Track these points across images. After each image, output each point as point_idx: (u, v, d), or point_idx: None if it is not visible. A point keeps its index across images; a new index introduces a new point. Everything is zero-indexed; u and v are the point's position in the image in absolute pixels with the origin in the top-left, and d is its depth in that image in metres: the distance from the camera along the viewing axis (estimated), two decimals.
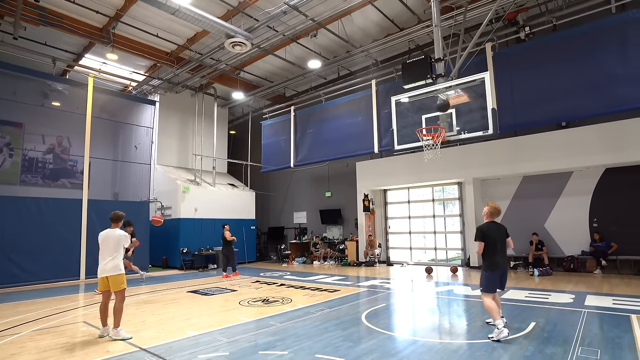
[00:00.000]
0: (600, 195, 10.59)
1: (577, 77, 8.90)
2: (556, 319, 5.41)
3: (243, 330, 5.21)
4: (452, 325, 5.48)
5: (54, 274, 10.52)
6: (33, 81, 11.36)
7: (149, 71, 14.97)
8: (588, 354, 3.97)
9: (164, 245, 14.54)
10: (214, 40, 12.31)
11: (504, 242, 5.01)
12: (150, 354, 4.25)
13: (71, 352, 4.40)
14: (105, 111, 13.00)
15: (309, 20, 10.66)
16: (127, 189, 13.31)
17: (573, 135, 10.44)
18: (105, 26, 11.59)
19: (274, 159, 15.87)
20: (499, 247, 4.90)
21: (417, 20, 11.32)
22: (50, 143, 12.02)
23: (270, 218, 19.30)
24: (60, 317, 6.34)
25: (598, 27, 8.78)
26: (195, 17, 9.39)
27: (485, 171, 12.01)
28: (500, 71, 9.74)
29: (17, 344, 4.76)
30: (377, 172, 14.50)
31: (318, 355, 4.08)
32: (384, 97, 12.03)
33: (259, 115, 17.67)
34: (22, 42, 11.71)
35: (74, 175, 12.10)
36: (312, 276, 11.08)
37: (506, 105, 9.62)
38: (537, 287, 8.31)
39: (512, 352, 4.07)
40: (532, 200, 11.63)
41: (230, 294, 8.24)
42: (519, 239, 11.71)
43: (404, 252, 14.58)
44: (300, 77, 14.65)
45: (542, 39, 9.82)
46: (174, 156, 16.63)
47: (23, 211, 10.30)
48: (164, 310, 6.67)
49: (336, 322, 5.56)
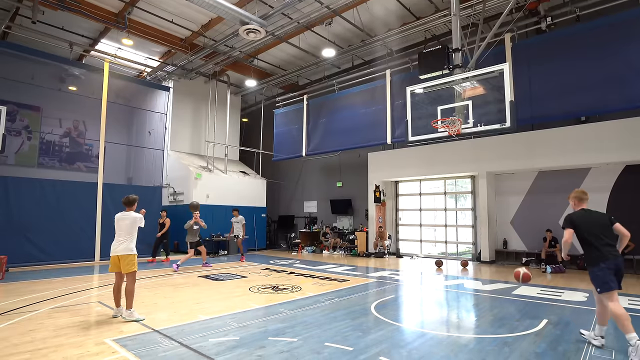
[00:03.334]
0: (618, 193, 10.34)
1: (600, 70, 8.63)
2: (569, 317, 5.34)
3: (253, 316, 5.27)
4: (461, 319, 5.46)
5: (69, 254, 10.79)
6: (51, 65, 11.51)
7: (163, 57, 15.02)
8: (602, 353, 3.91)
9: (175, 230, 14.72)
10: (228, 27, 12.26)
11: (609, 230, 4.07)
12: (163, 336, 4.33)
13: (86, 330, 4.52)
14: (120, 96, 13.14)
15: (324, 7, 10.53)
16: (141, 174, 13.50)
17: (592, 130, 10.17)
18: (121, 11, 11.63)
19: (285, 147, 15.87)
20: (602, 237, 4.02)
21: (435, 9, 11.08)
22: (66, 127, 12.23)
23: (280, 206, 19.40)
24: (76, 296, 6.50)
25: (623, 19, 8.47)
26: (210, 4, 9.34)
27: (499, 165, 11.82)
28: (519, 63, 9.51)
29: (35, 321, 4.91)
30: (389, 163, 14.40)
31: (327, 344, 4.11)
32: (399, 87, 11.87)
33: (272, 103, 17.64)
34: (40, 27, 11.84)
35: (89, 159, 12.31)
36: (322, 265, 11.14)
37: (524, 98, 9.41)
38: (550, 284, 8.21)
39: (523, 349, 4.03)
40: (547, 196, 11.43)
41: (240, 280, 8.34)
42: (532, 235, 11.59)
43: (414, 244, 14.53)
44: (313, 66, 14.54)
45: (564, 30, 9.54)
46: (187, 142, 16.76)
47: (40, 193, 10.53)
48: (176, 294, 6.79)
49: (345, 311, 5.58)
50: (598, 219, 4.19)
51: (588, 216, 4.22)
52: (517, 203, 12.10)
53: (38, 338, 4.22)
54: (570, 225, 4.18)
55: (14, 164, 11.19)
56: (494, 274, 9.73)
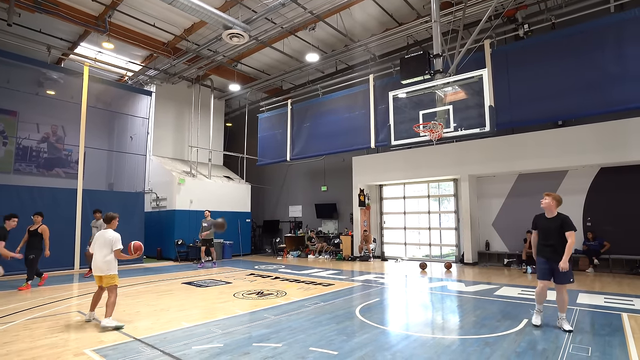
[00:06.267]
0: (594, 195, 10.69)
1: (575, 75, 8.93)
2: (548, 316, 5.46)
3: (237, 322, 5.22)
4: (445, 320, 5.53)
5: (47, 263, 10.42)
6: (28, 69, 11.24)
7: (145, 61, 14.82)
8: (579, 351, 4.02)
9: (158, 236, 14.51)
10: (212, 31, 12.21)
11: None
12: (145, 344, 4.25)
13: (65, 341, 4.39)
14: (100, 101, 12.91)
15: (308, 13, 10.59)
16: (123, 180, 13.27)
17: (569, 134, 10.49)
18: (102, 14, 11.44)
19: (270, 152, 15.83)
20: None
21: (417, 16, 11.28)
22: (44, 132, 11.95)
23: (265, 211, 19.30)
24: (54, 306, 6.32)
25: (597, 26, 8.80)
26: (193, 7, 9.28)
27: (481, 168, 12.06)
28: (498, 68, 9.75)
29: (11, 332, 4.74)
30: (373, 167, 14.51)
31: (312, 348, 4.11)
32: (382, 92, 12.01)
33: (256, 108, 17.59)
34: (17, 29, 11.53)
35: (68, 165, 12.04)
36: (307, 270, 11.11)
37: (503, 103, 9.64)
38: (530, 284, 8.39)
39: (504, 349, 4.11)
40: (527, 198, 11.70)
41: (224, 286, 8.25)
42: (513, 236, 11.84)
43: (399, 247, 14.65)
44: (297, 71, 14.58)
45: (540, 37, 9.83)
46: (170, 147, 16.54)
47: (16, 200, 10.21)
48: (159, 301, 6.67)
49: (330, 315, 5.59)
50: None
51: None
52: (499, 205, 12.35)
53: (14, 350, 4.08)
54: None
55: None
56: (476, 275, 9.90)
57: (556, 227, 4.79)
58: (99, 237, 5.21)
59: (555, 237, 4.79)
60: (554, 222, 4.84)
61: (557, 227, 4.78)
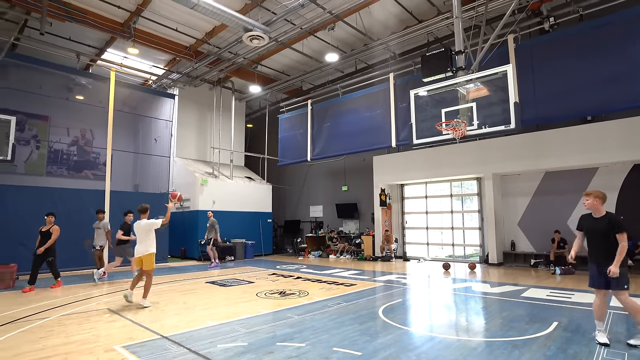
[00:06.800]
0: (627, 193, 10.23)
1: (604, 69, 8.58)
2: (580, 319, 5.28)
3: (261, 322, 5.28)
4: (470, 322, 5.42)
5: (78, 262, 10.87)
6: (58, 75, 11.70)
7: (168, 65, 15.17)
8: (614, 356, 3.86)
9: (182, 236, 14.83)
10: (232, 34, 12.37)
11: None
12: (171, 342, 4.35)
13: (96, 337, 4.55)
14: (126, 104, 13.29)
15: (327, 13, 10.59)
16: (147, 181, 13.62)
17: (599, 130, 10.09)
18: (127, 21, 11.79)
19: (290, 152, 15.92)
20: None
21: (437, 12, 11.08)
22: (74, 135, 12.40)
23: (286, 211, 19.42)
24: (85, 303, 6.55)
25: (627, 17, 8.43)
26: (214, 11, 9.44)
27: (505, 166, 11.76)
28: (523, 63, 9.48)
29: (46, 328, 4.95)
30: (394, 166, 14.38)
31: (335, 349, 4.11)
32: (402, 90, 11.88)
33: (276, 108, 17.72)
34: (48, 38, 12.02)
35: (96, 167, 12.45)
36: (328, 270, 11.12)
37: (528, 99, 9.37)
38: (559, 286, 8.13)
39: (533, 351, 4.00)
40: (555, 196, 11.34)
41: (247, 286, 8.35)
42: (540, 236, 11.49)
43: (421, 247, 14.46)
44: (317, 71, 14.59)
45: (567, 30, 9.51)
46: (193, 149, 16.88)
47: (48, 201, 10.63)
48: (184, 300, 6.82)
49: (353, 316, 5.57)
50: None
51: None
52: (524, 204, 12.01)
53: (49, 345, 4.25)
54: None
55: (23, 172, 11.35)
56: (502, 276, 9.66)
57: (602, 228, 4.36)
58: (137, 227, 6.39)
59: (601, 239, 4.38)
60: (601, 222, 4.39)
61: (604, 227, 4.35)
